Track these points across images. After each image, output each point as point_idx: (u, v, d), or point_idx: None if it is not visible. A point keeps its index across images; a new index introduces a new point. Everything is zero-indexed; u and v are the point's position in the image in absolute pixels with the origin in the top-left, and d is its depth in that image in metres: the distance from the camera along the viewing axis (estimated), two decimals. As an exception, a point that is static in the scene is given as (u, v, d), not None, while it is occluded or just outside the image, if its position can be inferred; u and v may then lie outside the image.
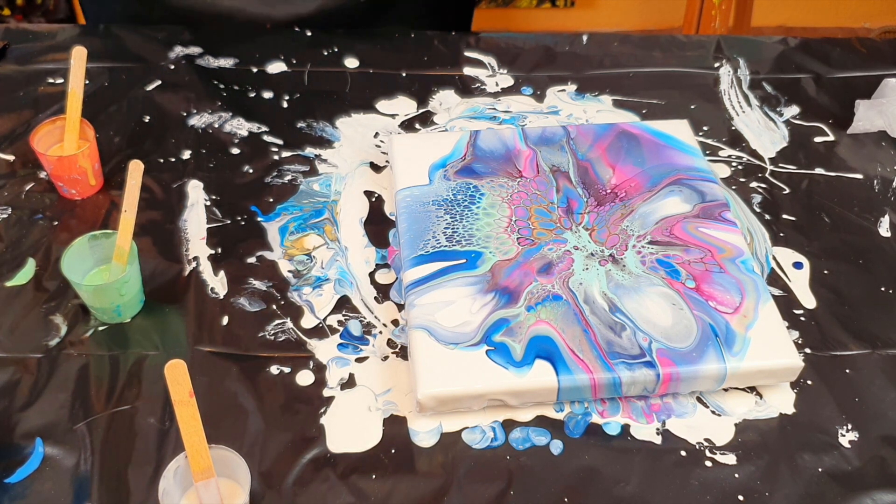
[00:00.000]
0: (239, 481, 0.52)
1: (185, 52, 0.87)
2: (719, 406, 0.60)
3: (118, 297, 0.61)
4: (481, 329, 0.60)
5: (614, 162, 0.72)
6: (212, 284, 0.66)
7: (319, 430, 0.58)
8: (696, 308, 0.61)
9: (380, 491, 0.55)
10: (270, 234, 0.70)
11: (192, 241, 0.69)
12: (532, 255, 0.65)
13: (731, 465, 0.57)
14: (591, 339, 0.59)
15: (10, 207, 0.71)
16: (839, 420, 0.59)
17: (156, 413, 0.58)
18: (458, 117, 0.81)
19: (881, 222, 0.73)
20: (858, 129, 0.82)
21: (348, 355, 0.62)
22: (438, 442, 0.57)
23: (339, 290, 0.66)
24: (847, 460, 0.57)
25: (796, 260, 0.70)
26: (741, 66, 0.89)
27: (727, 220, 0.68)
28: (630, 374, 0.58)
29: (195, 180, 0.74)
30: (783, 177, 0.77)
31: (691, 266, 0.64)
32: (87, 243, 0.63)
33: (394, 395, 0.60)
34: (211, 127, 0.79)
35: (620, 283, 0.63)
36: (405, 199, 0.69)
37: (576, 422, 0.59)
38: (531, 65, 0.87)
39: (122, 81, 0.84)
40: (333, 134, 0.79)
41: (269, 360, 0.61)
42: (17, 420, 0.57)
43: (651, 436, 0.58)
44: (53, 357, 0.61)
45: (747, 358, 0.58)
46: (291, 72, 0.85)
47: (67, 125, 0.71)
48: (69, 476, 0.55)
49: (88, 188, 0.72)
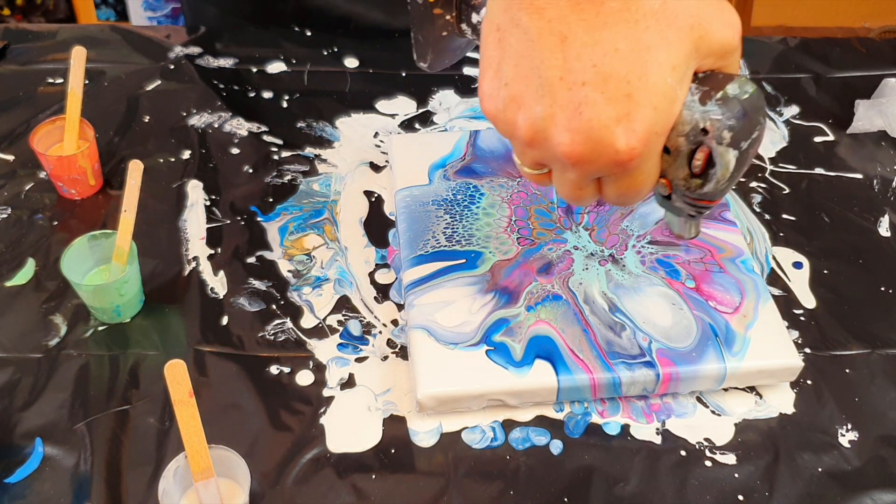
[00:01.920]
0: (239, 481, 0.52)
1: (185, 52, 0.87)
2: (719, 406, 0.60)
3: (118, 297, 0.61)
4: (481, 329, 0.60)
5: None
6: (211, 284, 0.66)
7: (319, 430, 0.58)
8: (696, 308, 0.61)
9: (380, 491, 0.55)
10: (270, 233, 0.70)
11: (192, 241, 0.69)
12: (532, 255, 0.65)
13: (731, 465, 0.57)
14: (591, 339, 0.59)
15: (9, 207, 0.71)
16: (839, 420, 0.59)
17: (155, 413, 0.58)
18: (458, 117, 0.81)
19: (881, 222, 0.73)
20: (858, 128, 0.82)
21: (348, 355, 0.62)
22: (438, 442, 0.57)
23: (339, 290, 0.66)
24: (847, 460, 0.57)
25: (796, 260, 0.70)
26: (741, 66, 0.89)
27: (727, 219, 0.68)
28: (630, 374, 0.58)
29: (195, 180, 0.74)
30: (783, 177, 0.77)
31: (691, 266, 0.64)
32: (87, 243, 0.63)
33: (393, 395, 0.60)
34: (211, 127, 0.79)
35: (620, 282, 0.63)
36: (405, 199, 0.69)
37: (576, 422, 0.59)
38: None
39: (122, 81, 0.84)
40: (333, 134, 0.79)
41: (269, 360, 0.61)
42: (16, 420, 0.57)
43: (651, 436, 0.58)
44: (53, 357, 0.61)
45: (747, 358, 0.59)
46: (291, 72, 0.85)
47: (67, 125, 0.71)
48: (69, 476, 0.55)
49: (88, 188, 0.72)
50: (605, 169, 0.43)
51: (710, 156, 0.44)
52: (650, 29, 0.40)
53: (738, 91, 0.42)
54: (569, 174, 0.45)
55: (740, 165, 0.44)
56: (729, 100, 0.42)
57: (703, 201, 0.47)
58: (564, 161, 0.43)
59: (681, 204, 0.48)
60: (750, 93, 0.43)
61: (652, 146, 0.43)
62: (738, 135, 0.43)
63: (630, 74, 0.40)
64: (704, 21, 0.42)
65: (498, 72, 0.44)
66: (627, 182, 0.44)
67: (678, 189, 0.47)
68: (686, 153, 0.44)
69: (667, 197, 0.48)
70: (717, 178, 0.44)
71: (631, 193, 0.45)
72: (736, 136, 0.43)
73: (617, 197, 0.46)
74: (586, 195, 0.47)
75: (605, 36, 0.40)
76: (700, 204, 0.47)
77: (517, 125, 0.44)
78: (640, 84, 0.41)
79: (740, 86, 0.43)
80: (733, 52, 0.44)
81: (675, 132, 0.43)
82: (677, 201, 0.48)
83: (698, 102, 0.42)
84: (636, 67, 0.40)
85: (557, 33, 0.41)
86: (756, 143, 0.44)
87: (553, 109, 0.42)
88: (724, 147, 0.43)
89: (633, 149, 0.41)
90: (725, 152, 0.43)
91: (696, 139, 0.43)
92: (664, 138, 0.43)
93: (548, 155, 0.44)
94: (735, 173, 0.44)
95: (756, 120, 0.43)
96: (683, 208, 0.48)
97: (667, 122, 0.42)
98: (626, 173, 0.44)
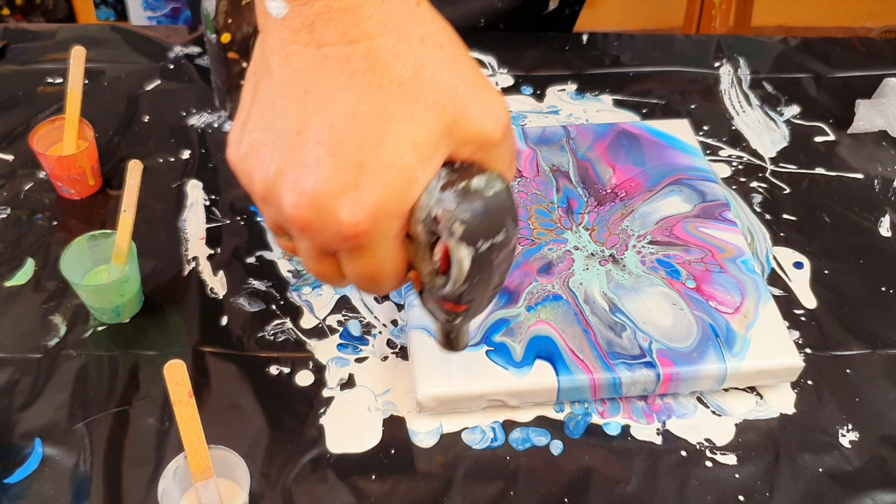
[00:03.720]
0: (238, 481, 0.52)
1: (185, 52, 0.87)
2: (720, 406, 0.60)
3: (117, 297, 0.61)
4: (481, 329, 0.60)
5: (614, 162, 0.72)
6: (211, 284, 0.66)
7: (319, 430, 0.58)
8: (697, 308, 0.61)
9: (380, 491, 0.55)
10: (270, 234, 0.70)
11: (192, 241, 0.69)
12: (532, 255, 0.65)
13: (732, 466, 0.57)
14: (592, 340, 0.59)
15: (9, 207, 0.71)
16: (839, 420, 0.59)
17: (155, 413, 0.58)
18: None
19: (881, 222, 0.73)
20: (859, 128, 0.81)
21: (348, 355, 0.62)
22: (438, 442, 0.57)
23: (339, 290, 0.66)
24: (847, 460, 0.57)
25: (797, 260, 0.70)
26: (741, 66, 0.89)
27: (727, 219, 0.68)
28: (630, 375, 0.57)
29: (195, 180, 0.74)
30: (783, 176, 0.77)
31: (691, 266, 0.64)
32: (87, 243, 0.63)
33: (393, 396, 0.60)
34: (211, 127, 0.79)
35: (621, 283, 0.63)
36: (405, 198, 0.69)
37: (576, 422, 0.59)
38: (531, 64, 0.87)
39: (122, 81, 0.84)
40: (333, 134, 0.79)
41: (269, 360, 0.61)
42: (16, 420, 0.57)
43: (651, 436, 0.58)
44: (53, 357, 0.61)
45: (748, 358, 0.58)
46: (291, 71, 0.85)
47: (67, 125, 0.71)
48: (68, 476, 0.55)
49: (87, 188, 0.72)
50: (333, 243, 0.39)
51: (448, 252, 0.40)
52: (395, 98, 0.37)
53: (483, 185, 0.39)
54: (302, 243, 0.41)
55: (479, 268, 0.40)
56: (470, 193, 0.38)
57: (447, 304, 0.43)
58: (291, 225, 0.39)
59: (431, 305, 0.45)
60: (497, 190, 0.39)
61: (381, 225, 0.38)
62: (473, 231, 0.39)
63: (365, 142, 0.37)
64: (460, 105, 0.38)
65: (247, 119, 0.41)
66: (362, 263, 0.40)
67: (426, 286, 0.43)
68: (426, 245, 0.41)
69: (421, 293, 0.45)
70: (455, 277, 0.40)
71: (369, 277, 0.41)
72: (471, 231, 0.39)
73: (357, 279, 0.42)
74: (326, 271, 0.42)
75: (345, 96, 0.37)
76: (444, 308, 0.43)
77: (253, 178, 0.40)
78: (374, 155, 0.37)
79: (487, 181, 0.39)
80: (496, 146, 0.40)
81: (413, 218, 0.39)
82: (427, 301, 0.45)
83: (439, 190, 0.39)
84: (373, 136, 0.37)
85: (301, 84, 0.37)
86: (502, 247, 0.40)
87: (285, 165, 0.38)
88: (455, 241, 0.39)
89: (357, 223, 0.38)
90: (458, 248, 0.39)
91: (431, 228, 0.39)
92: (399, 221, 0.39)
93: (279, 216, 0.40)
94: (474, 276, 0.40)
95: (500, 221, 0.39)
96: (433, 311, 0.45)
97: (400, 203, 0.38)
98: (357, 252, 0.40)
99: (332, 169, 0.37)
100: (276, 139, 0.39)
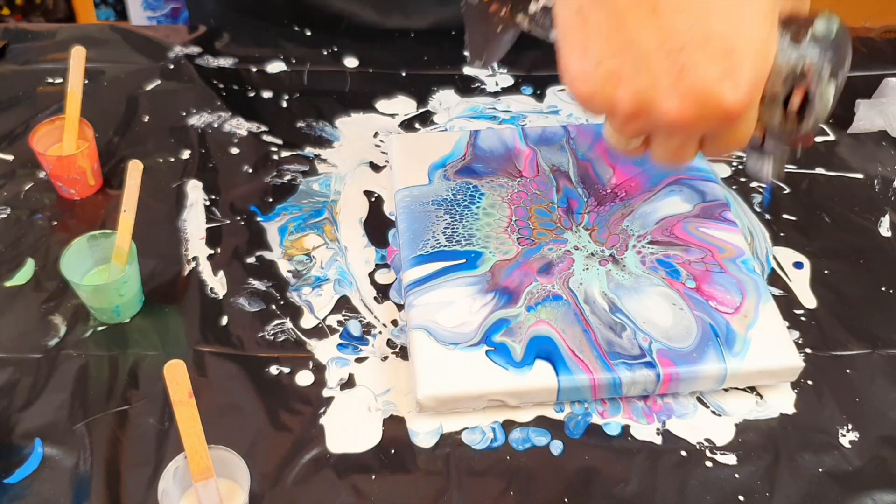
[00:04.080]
0: (238, 482, 0.52)
1: (185, 52, 0.87)
2: (720, 406, 0.60)
3: (117, 297, 0.61)
4: (481, 329, 0.60)
5: (614, 162, 0.72)
6: (211, 284, 0.66)
7: (319, 430, 0.58)
8: (697, 308, 0.61)
9: (380, 491, 0.55)
10: (270, 234, 0.70)
11: (192, 241, 0.69)
12: (532, 255, 0.65)
13: (732, 466, 0.57)
14: (592, 340, 0.59)
15: (8, 207, 0.71)
16: (839, 420, 0.59)
17: (155, 413, 0.58)
18: (458, 117, 0.81)
19: (881, 222, 0.73)
20: (859, 128, 0.81)
21: (348, 355, 0.62)
22: (438, 442, 0.57)
23: (339, 290, 0.66)
24: (847, 460, 0.57)
25: (797, 260, 0.70)
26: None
27: (727, 219, 0.68)
28: (630, 375, 0.57)
29: (195, 180, 0.74)
30: (783, 176, 0.77)
31: (692, 266, 0.64)
32: (87, 243, 0.63)
33: (393, 396, 0.60)
34: (210, 127, 0.79)
35: (621, 283, 0.63)
36: (405, 198, 0.69)
37: (576, 422, 0.59)
38: (531, 64, 0.87)
39: (122, 81, 0.84)
40: (333, 134, 0.79)
41: (269, 361, 0.61)
42: (16, 420, 0.57)
43: (651, 436, 0.58)
44: (52, 357, 0.61)
45: (748, 358, 0.58)
46: (291, 71, 0.85)
47: (66, 125, 0.71)
48: (68, 476, 0.55)
49: (87, 188, 0.72)
50: (713, 127, 0.44)
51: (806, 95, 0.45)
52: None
53: (825, 27, 0.44)
54: (674, 139, 0.46)
55: (838, 93, 0.46)
56: (821, 38, 0.44)
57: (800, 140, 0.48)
58: (672, 126, 0.44)
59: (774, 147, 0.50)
60: (838, 25, 0.44)
61: (755, 96, 0.44)
62: (835, 68, 0.44)
63: (727, 31, 0.41)
64: None
65: (585, 52, 0.45)
66: (730, 135, 0.46)
67: (773, 132, 0.48)
68: (782, 97, 0.46)
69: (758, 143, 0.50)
70: (817, 114, 0.46)
71: (733, 146, 0.47)
72: (835, 69, 0.44)
73: (718, 152, 0.47)
74: (688, 155, 0.48)
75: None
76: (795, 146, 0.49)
77: (617, 100, 0.45)
78: (738, 38, 0.42)
79: (826, 22, 0.44)
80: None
81: (771, 78, 0.45)
82: (771, 145, 0.50)
83: (792, 46, 0.44)
84: (732, 23, 0.41)
85: (647, 4, 0.42)
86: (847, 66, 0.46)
87: (655, 78, 0.43)
88: (824, 84, 0.45)
89: (740, 102, 0.43)
90: (827, 87, 0.45)
91: (794, 81, 0.45)
92: (762, 86, 0.44)
93: (652, 124, 0.45)
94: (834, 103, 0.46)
95: (846, 49, 0.45)
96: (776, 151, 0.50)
97: (766, 71, 0.44)
98: (734, 126, 0.45)
99: (706, 64, 0.42)
100: (636, 58, 0.43)
